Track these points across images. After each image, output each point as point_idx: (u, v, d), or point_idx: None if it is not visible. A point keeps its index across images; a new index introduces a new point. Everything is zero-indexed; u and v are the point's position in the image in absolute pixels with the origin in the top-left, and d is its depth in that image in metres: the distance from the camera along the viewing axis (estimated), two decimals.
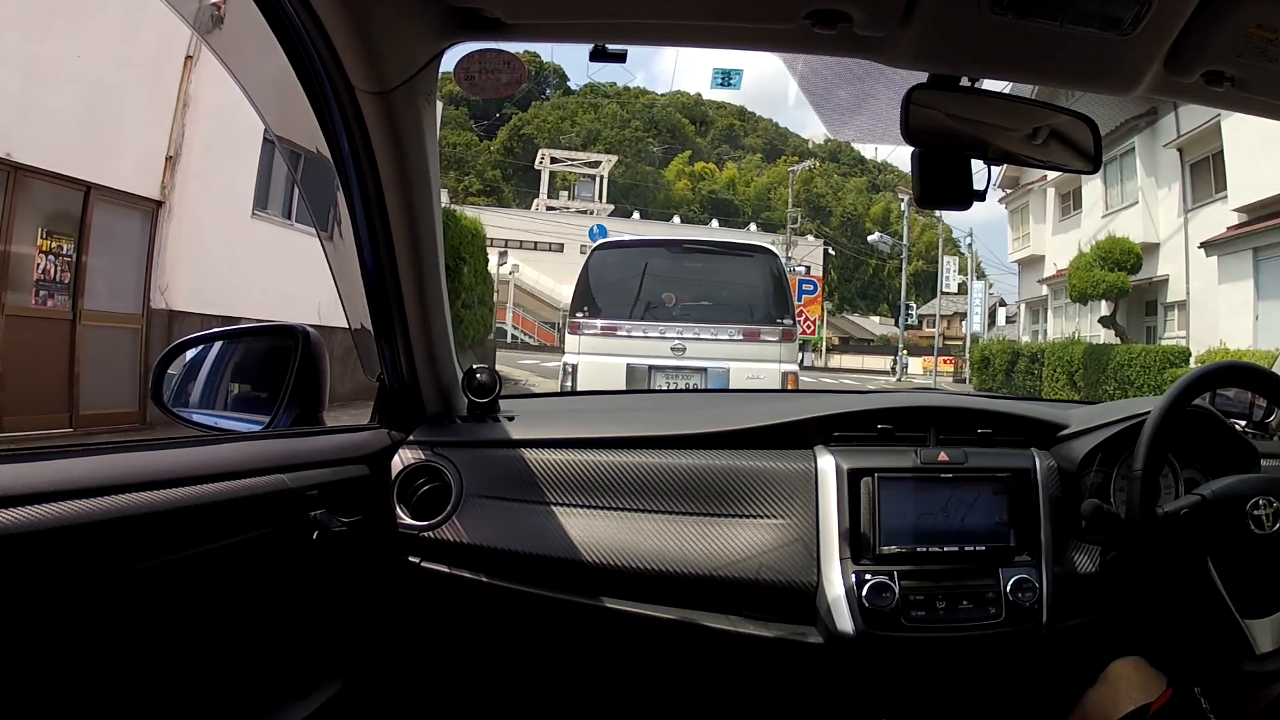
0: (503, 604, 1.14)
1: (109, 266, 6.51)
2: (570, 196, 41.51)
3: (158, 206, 6.85)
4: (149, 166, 6.73)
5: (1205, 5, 0.78)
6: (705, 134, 54.72)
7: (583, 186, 41.58)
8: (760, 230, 37.25)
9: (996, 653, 1.13)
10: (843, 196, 49.83)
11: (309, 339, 1.17)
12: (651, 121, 51.91)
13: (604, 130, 49.64)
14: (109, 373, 6.48)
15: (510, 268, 28.30)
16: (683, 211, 43.41)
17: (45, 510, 0.65)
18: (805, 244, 35.71)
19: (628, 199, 42.91)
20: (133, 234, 6.73)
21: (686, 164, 50.88)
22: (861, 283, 48.85)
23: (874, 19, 0.84)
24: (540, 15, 0.94)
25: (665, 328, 4.76)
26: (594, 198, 40.63)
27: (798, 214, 34.99)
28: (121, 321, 6.65)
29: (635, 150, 49.26)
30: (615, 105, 51.77)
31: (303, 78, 0.93)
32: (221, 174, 7.49)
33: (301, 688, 0.99)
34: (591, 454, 1.18)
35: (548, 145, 43.43)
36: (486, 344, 13.85)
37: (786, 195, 40.84)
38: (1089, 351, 13.65)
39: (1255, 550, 1.04)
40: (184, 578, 0.80)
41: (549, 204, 39.84)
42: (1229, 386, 1.33)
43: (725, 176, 51.51)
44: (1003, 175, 17.45)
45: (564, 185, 41.65)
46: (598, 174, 41.57)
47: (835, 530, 1.11)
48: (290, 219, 8.70)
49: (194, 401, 1.25)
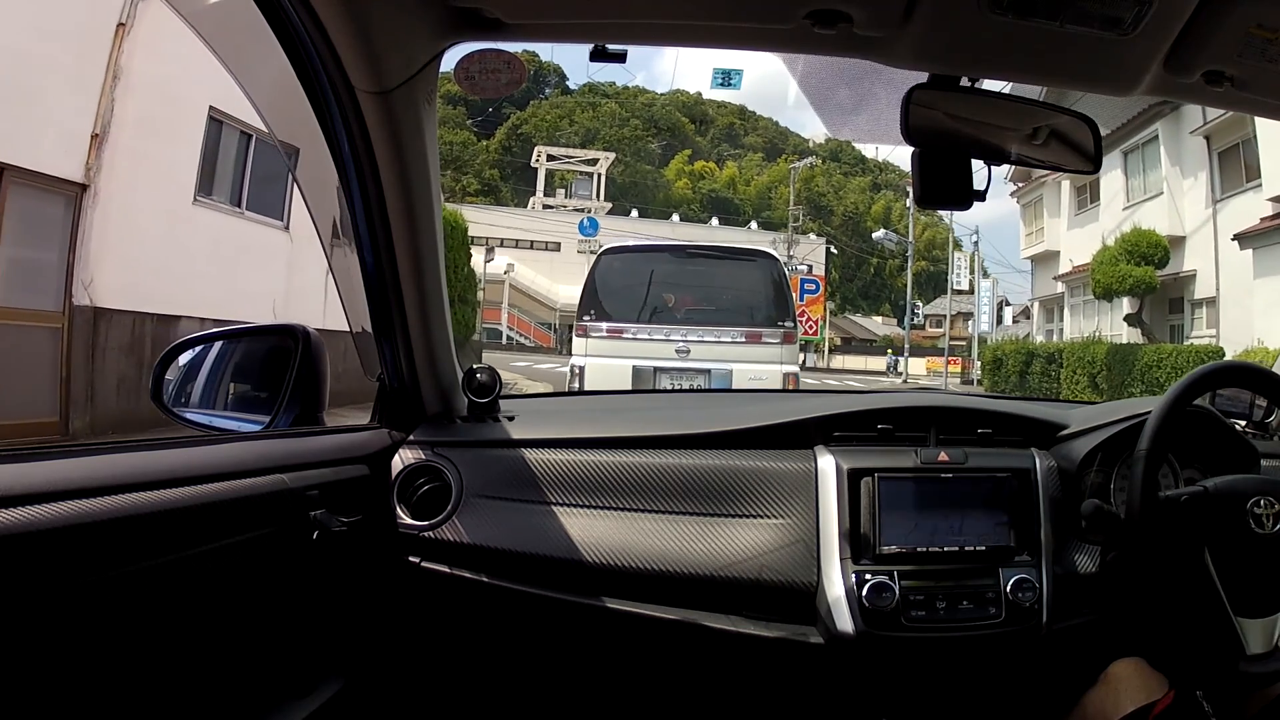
0: (503, 604, 1.14)
1: (24, 258, 5.80)
2: (567, 195, 40.75)
3: (81, 190, 5.99)
4: (72, 146, 5.89)
5: (1205, 5, 0.78)
6: (705, 133, 54.20)
7: (580, 184, 40.76)
8: (761, 229, 36.96)
9: (996, 653, 1.13)
10: (844, 195, 49.34)
11: (309, 339, 1.17)
12: (651, 120, 51.32)
13: (603, 129, 49.12)
14: (24, 378, 5.70)
15: (505, 267, 28.05)
16: (682, 210, 43.06)
17: (45, 510, 0.65)
18: (807, 242, 35.21)
19: (627, 198, 42.53)
20: (53, 221, 5.89)
21: (686, 163, 50.46)
22: (863, 282, 48.43)
23: (874, 19, 0.84)
24: (540, 15, 0.94)
25: (670, 330, 4.82)
26: (591, 195, 40.01)
27: (799, 212, 34.76)
28: (38, 320, 5.82)
29: (634, 149, 48.76)
30: (614, 104, 51.25)
31: (303, 78, 0.93)
32: (157, 155, 6.56)
33: (301, 688, 0.99)
34: (592, 454, 1.18)
35: (545, 143, 42.85)
36: (471, 344, 13.27)
37: (787, 194, 40.00)
38: (1113, 352, 13.03)
39: (1254, 550, 1.04)
40: (184, 578, 0.80)
41: (546, 202, 39.13)
42: (1229, 386, 1.33)
43: (725, 175, 51.09)
44: (1014, 169, 15.69)
45: (561, 183, 40.96)
46: (595, 172, 40.95)
47: (835, 530, 1.11)
48: (240, 206, 7.82)
49: (194, 401, 1.25)
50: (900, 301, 47.89)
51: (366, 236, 1.05)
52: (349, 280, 1.11)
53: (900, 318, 46.15)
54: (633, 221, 35.71)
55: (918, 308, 33.59)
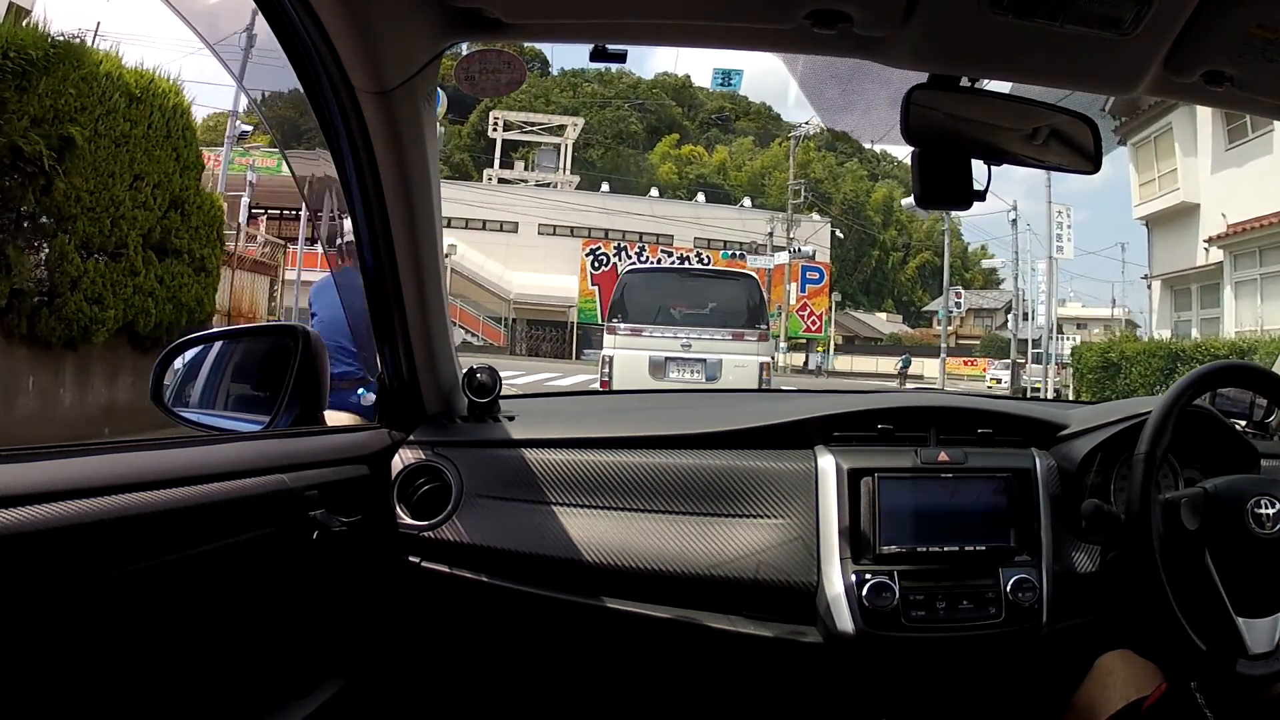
0: (503, 604, 1.14)
1: None
2: (528, 167, 35.69)
3: None
4: None
5: (1205, 5, 0.78)
6: (694, 118, 50.45)
7: (544, 155, 35.75)
8: (755, 208, 32.64)
9: (996, 653, 1.13)
10: (841, 183, 45.67)
11: (309, 338, 1.17)
12: (636, 103, 47.07)
13: (582, 110, 43.84)
14: None
15: (446, 249, 24.18)
16: (663, 186, 37.63)
17: (45, 510, 0.65)
18: (809, 223, 30.71)
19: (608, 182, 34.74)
20: None
21: (673, 147, 46.55)
22: (864, 276, 44.85)
23: (874, 19, 0.84)
24: (540, 15, 0.94)
25: (676, 330, 6.51)
26: (557, 168, 34.81)
27: (801, 186, 29.39)
28: None
29: (616, 131, 44.90)
30: (596, 86, 46.86)
31: (303, 78, 0.93)
32: None
33: (301, 688, 0.99)
34: (592, 454, 1.18)
35: (503, 109, 35.78)
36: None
37: (781, 179, 36.62)
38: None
39: (1255, 550, 1.04)
40: (184, 578, 0.80)
41: (502, 175, 33.73)
42: (1229, 386, 1.33)
43: (715, 160, 47.27)
44: (1114, 100, 11.10)
45: (522, 155, 36.00)
46: (562, 141, 35.40)
47: (835, 530, 1.11)
48: None
49: (194, 401, 1.25)
50: (904, 297, 44.52)
51: (366, 236, 1.05)
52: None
53: (905, 314, 42.94)
54: (603, 196, 30.84)
55: (959, 296, 27.34)
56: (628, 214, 29.78)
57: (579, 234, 28.84)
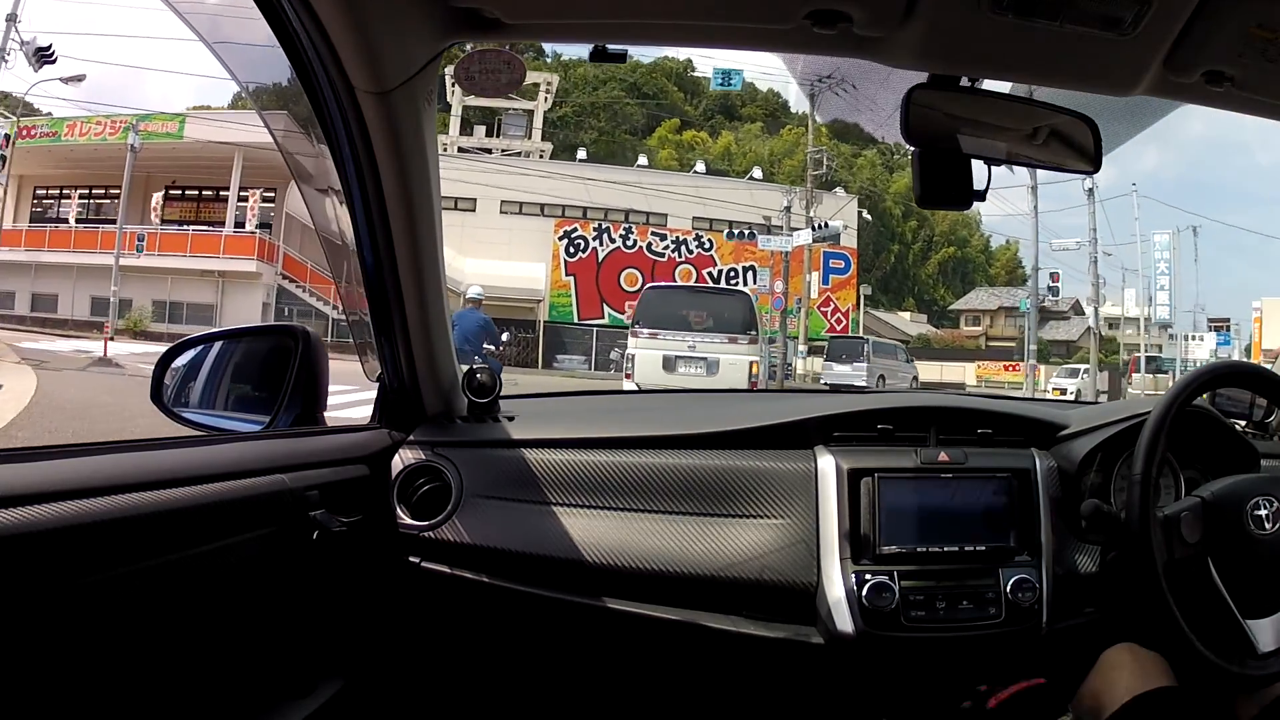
0: (503, 604, 1.14)
1: None
2: (490, 133, 29.78)
3: None
4: None
5: (1205, 5, 0.78)
6: (696, 104, 45.86)
7: (511, 121, 30.30)
8: (764, 181, 27.44)
9: (996, 653, 1.13)
10: (858, 174, 40.15)
11: (309, 339, 1.17)
12: (633, 86, 42.51)
13: (574, 92, 39.60)
14: None
15: None
16: (655, 161, 32.82)
17: (45, 510, 0.65)
18: (832, 200, 24.60)
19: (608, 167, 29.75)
20: None
21: (674, 132, 42.47)
22: (883, 273, 39.63)
23: (874, 19, 0.84)
24: (540, 15, 0.94)
25: (684, 335, 8.70)
26: (525, 135, 29.83)
27: (821, 154, 21.93)
28: None
29: (611, 114, 40.61)
30: (589, 68, 41.04)
31: (303, 78, 0.93)
32: None
33: (301, 688, 0.99)
34: (592, 454, 1.18)
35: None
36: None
37: (790, 166, 32.21)
38: None
39: (1256, 550, 1.04)
40: (184, 578, 0.80)
41: (461, 144, 27.95)
42: (1229, 387, 1.33)
43: (720, 145, 42.82)
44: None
45: (484, 119, 29.88)
46: (534, 107, 30.07)
47: (835, 530, 1.11)
48: None
49: (194, 401, 1.25)
50: (926, 295, 40.23)
51: (366, 236, 1.05)
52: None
53: (929, 313, 37.98)
54: (581, 165, 26.22)
55: (1055, 280, 20.26)
56: (611, 185, 24.24)
57: (550, 213, 24.02)
